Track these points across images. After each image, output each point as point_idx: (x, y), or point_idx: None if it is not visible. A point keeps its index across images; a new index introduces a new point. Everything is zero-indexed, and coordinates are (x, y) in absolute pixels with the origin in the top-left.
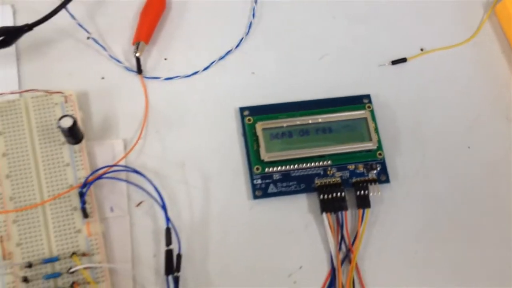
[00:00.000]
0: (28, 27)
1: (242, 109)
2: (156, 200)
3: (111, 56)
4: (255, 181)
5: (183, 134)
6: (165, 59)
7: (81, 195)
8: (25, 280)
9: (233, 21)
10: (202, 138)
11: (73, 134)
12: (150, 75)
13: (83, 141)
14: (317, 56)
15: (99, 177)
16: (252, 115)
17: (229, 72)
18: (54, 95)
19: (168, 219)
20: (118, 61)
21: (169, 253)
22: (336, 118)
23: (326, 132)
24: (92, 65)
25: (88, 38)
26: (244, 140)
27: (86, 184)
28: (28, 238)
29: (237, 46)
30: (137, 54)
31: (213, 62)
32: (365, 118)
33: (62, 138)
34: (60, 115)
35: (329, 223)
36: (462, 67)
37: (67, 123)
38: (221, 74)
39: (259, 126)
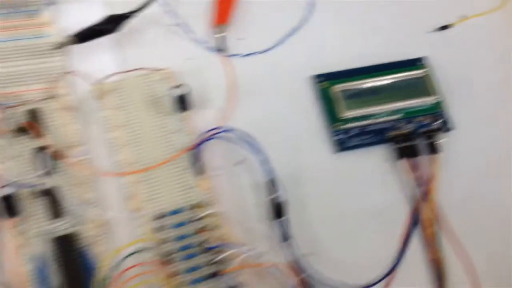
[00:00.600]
0: (130, 14)
1: (316, 76)
2: (252, 157)
3: (194, 39)
4: (334, 138)
5: (266, 103)
6: (241, 38)
7: (193, 155)
8: (156, 230)
9: None
10: (282, 106)
11: (184, 102)
12: (231, 53)
13: (189, 110)
14: (374, 26)
15: (208, 139)
16: (326, 81)
17: (300, 44)
18: (156, 73)
19: (270, 171)
20: (202, 42)
21: (274, 201)
22: (400, 78)
23: (392, 90)
24: (179, 48)
25: (172, 25)
26: (321, 103)
27: (198, 144)
28: (152, 196)
29: (305, 21)
30: (218, 35)
31: (285, 37)
32: (424, 77)
33: (168, 109)
34: (163, 90)
35: (405, 168)
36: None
37: (182, 90)
38: (294, 47)
39: (334, 89)
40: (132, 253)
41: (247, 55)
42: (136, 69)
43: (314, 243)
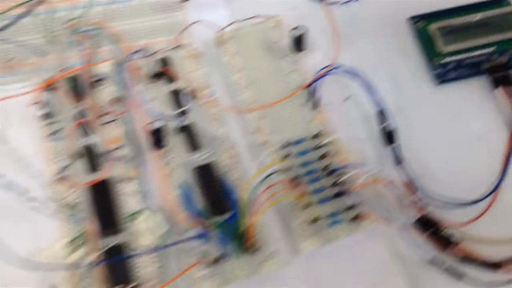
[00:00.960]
0: None
1: (412, 18)
2: (361, 92)
3: None
4: (434, 72)
5: (367, 46)
6: None
7: (309, 92)
8: (284, 157)
9: None
10: (383, 47)
11: (301, 43)
12: (330, 2)
13: (303, 51)
14: None
15: (322, 76)
16: (422, 20)
17: None
18: (269, 20)
19: (380, 102)
20: None
21: (385, 129)
22: (490, 14)
23: (484, 26)
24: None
25: None
26: (419, 42)
27: (313, 82)
28: (275, 129)
29: None
30: None
31: None
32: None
33: (282, 52)
34: (276, 36)
35: (501, 96)
36: None
37: (300, 31)
38: None
39: (431, 27)
40: (266, 176)
41: (345, 2)
42: (252, 17)
43: (423, 165)
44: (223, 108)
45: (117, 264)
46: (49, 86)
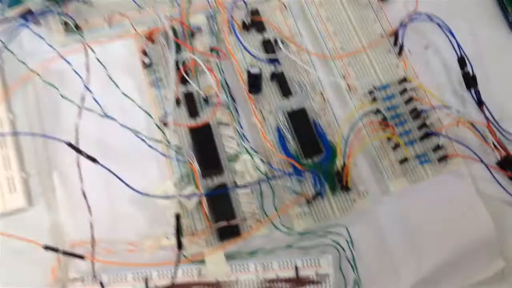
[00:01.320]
0: None
1: None
2: (441, 40)
3: None
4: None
5: None
6: None
7: (394, 39)
8: (372, 101)
9: None
10: None
11: None
12: None
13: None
14: None
15: (406, 23)
16: None
17: None
18: None
19: (459, 48)
20: None
21: (466, 74)
22: None
23: None
24: None
25: None
26: None
27: (398, 29)
28: (363, 75)
29: None
30: None
31: None
32: None
33: (366, 2)
34: None
35: None
36: None
37: None
38: None
39: None
40: (359, 118)
41: None
42: None
43: (502, 109)
44: (312, 55)
45: (220, 201)
46: (150, 37)
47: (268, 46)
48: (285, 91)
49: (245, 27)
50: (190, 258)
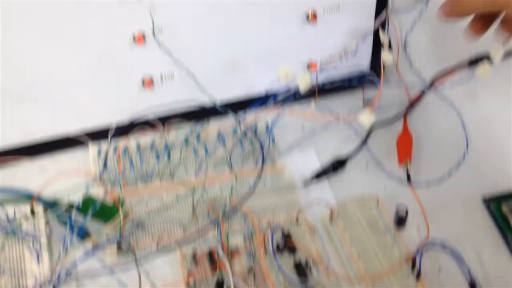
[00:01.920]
0: (349, 158)
1: (485, 200)
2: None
3: (387, 173)
4: None
5: (451, 222)
6: (419, 169)
7: (413, 263)
8: None
9: None
10: (464, 224)
11: (403, 220)
12: (415, 185)
13: (403, 227)
14: None
15: (422, 250)
16: (495, 201)
17: (468, 172)
18: (370, 200)
19: (470, 273)
20: (392, 176)
21: None
22: None
23: None
24: (376, 181)
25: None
26: (494, 221)
27: (415, 255)
28: None
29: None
30: (404, 168)
31: (453, 168)
32: None
33: (385, 228)
34: (376, 213)
35: None
36: None
37: (403, 210)
38: (463, 176)
39: (504, 208)
40: None
41: (426, 187)
42: (355, 198)
43: None
44: (338, 277)
45: None
46: (194, 257)
47: (300, 268)
48: None
49: (278, 249)
50: None
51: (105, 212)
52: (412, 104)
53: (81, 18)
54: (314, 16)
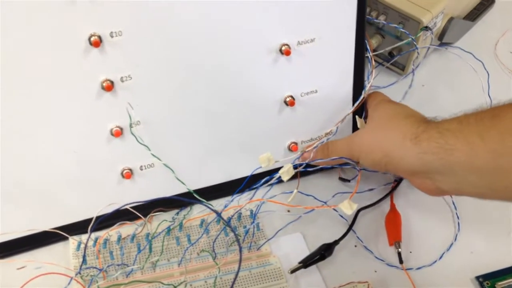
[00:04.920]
0: (338, 242)
1: (477, 277)
2: None
3: (376, 256)
4: None
5: None
6: (411, 252)
7: None
8: None
9: None
10: None
11: None
12: (407, 267)
13: None
14: None
15: None
16: (488, 280)
17: (459, 254)
18: (361, 284)
19: None
20: (382, 259)
21: None
22: None
23: None
24: (366, 264)
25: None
26: None
27: None
28: None
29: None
30: (395, 250)
31: (444, 251)
32: None
33: None
34: None
35: None
36: None
37: None
38: (454, 257)
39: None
40: None
41: (418, 268)
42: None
43: None
44: None
45: None
46: None
47: None
48: None
49: None
50: None
51: None
52: (398, 182)
53: (57, 116)
54: (292, 102)
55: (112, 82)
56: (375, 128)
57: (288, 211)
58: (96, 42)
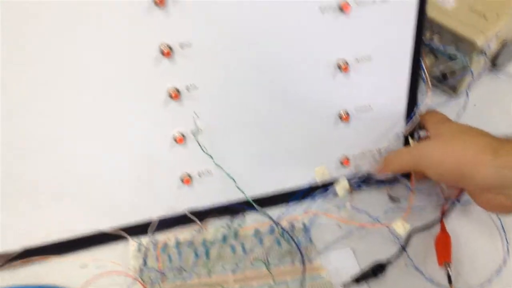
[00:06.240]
0: (390, 262)
1: None
2: None
3: (428, 278)
4: None
5: None
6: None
7: None
8: None
9: None
10: None
11: None
12: None
13: None
14: None
15: None
16: None
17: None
18: None
19: None
20: (432, 280)
21: None
22: None
23: None
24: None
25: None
26: None
27: None
28: None
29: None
30: (446, 271)
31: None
32: None
33: None
34: None
35: None
36: None
37: None
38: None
39: None
40: None
41: None
42: None
43: None
44: None
45: None
46: None
47: None
48: None
49: None
50: None
51: None
52: (452, 202)
53: (125, 121)
54: (347, 117)
55: (178, 91)
56: (446, 141)
57: (340, 225)
58: (168, 53)
